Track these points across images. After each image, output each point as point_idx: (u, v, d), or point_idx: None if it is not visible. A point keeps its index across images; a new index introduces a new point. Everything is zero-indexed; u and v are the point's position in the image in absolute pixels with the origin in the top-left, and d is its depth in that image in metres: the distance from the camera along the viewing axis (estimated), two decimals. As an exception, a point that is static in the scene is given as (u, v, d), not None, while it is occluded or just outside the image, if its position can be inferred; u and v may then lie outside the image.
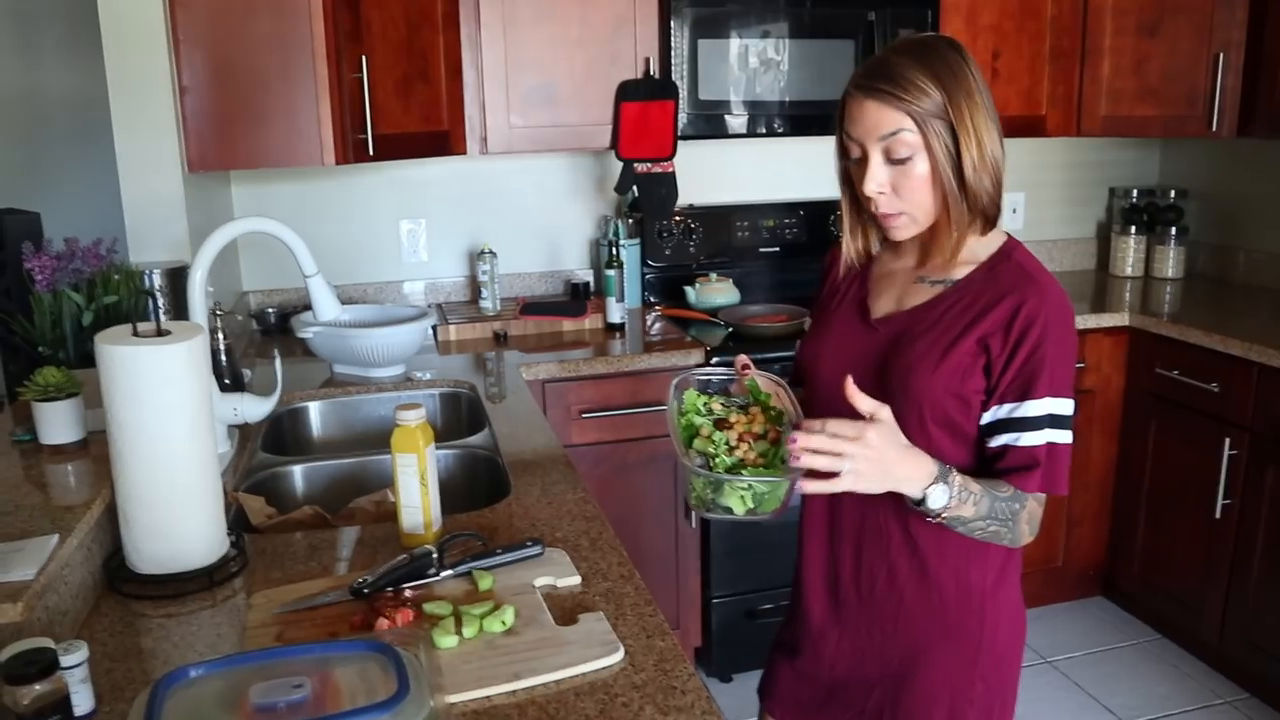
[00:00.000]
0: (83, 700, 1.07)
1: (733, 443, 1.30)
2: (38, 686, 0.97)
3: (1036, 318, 1.29)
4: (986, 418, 1.33)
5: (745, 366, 1.44)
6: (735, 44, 2.89)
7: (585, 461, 2.66)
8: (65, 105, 3.37)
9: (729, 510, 1.24)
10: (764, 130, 2.99)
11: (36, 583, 1.14)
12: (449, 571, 1.35)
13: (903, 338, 1.39)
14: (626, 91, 2.86)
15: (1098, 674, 3.05)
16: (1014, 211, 3.74)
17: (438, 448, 1.60)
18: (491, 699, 1.10)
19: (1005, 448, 1.32)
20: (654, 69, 2.87)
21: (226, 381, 2.04)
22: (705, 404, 1.37)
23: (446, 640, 1.18)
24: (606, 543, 1.50)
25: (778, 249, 3.38)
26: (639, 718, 1.07)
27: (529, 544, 1.41)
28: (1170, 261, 3.59)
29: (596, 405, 2.70)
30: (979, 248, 1.37)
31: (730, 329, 2.94)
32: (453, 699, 1.09)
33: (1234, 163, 3.55)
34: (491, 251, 3.01)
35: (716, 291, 3.19)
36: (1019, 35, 3.17)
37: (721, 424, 1.32)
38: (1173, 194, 3.65)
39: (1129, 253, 3.66)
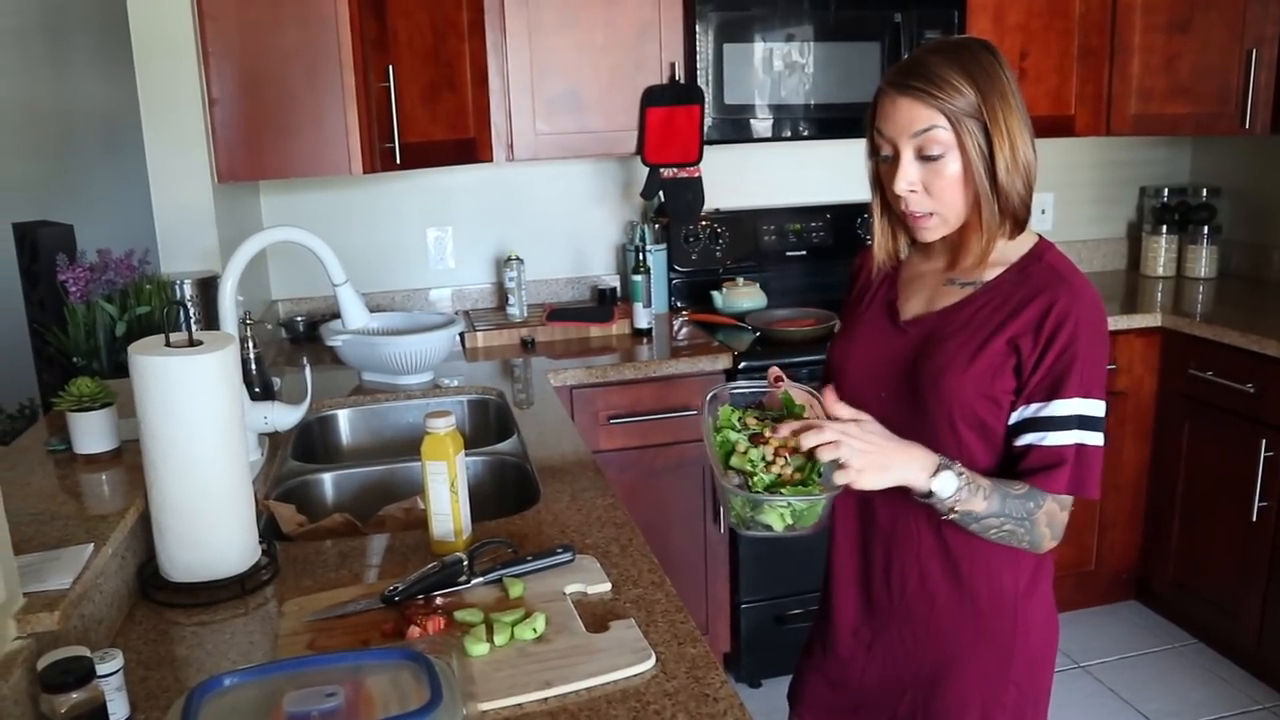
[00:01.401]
0: (118, 708, 1.08)
1: (769, 458, 1.28)
2: (74, 695, 0.98)
3: (1068, 317, 1.29)
4: (1014, 418, 1.32)
5: (778, 379, 1.41)
6: (760, 48, 2.88)
7: (613, 467, 2.66)
8: (97, 118, 3.42)
9: (769, 528, 1.23)
10: (789, 134, 2.98)
11: (72, 592, 1.15)
12: (480, 579, 1.35)
13: (932, 339, 1.38)
14: (652, 97, 2.86)
15: (1132, 679, 3.01)
16: (1043, 212, 3.70)
17: (467, 454, 1.60)
18: (523, 707, 1.10)
19: (1030, 447, 1.30)
20: (679, 74, 2.87)
21: (257, 390, 2.05)
22: (740, 419, 1.35)
23: (478, 648, 1.18)
24: (637, 549, 1.50)
25: (804, 253, 3.36)
26: (671, 726, 1.06)
27: (559, 551, 1.41)
28: (1203, 261, 3.55)
29: (624, 411, 2.69)
30: (1009, 250, 1.37)
31: (757, 333, 2.93)
32: (485, 707, 1.09)
33: (1267, 160, 3.50)
34: (518, 258, 3.02)
35: (743, 296, 3.18)
36: (1047, 34, 3.14)
37: (757, 439, 1.30)
38: (1204, 193, 3.60)
39: (1160, 253, 3.62)
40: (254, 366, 2.06)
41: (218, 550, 1.38)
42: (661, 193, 2.99)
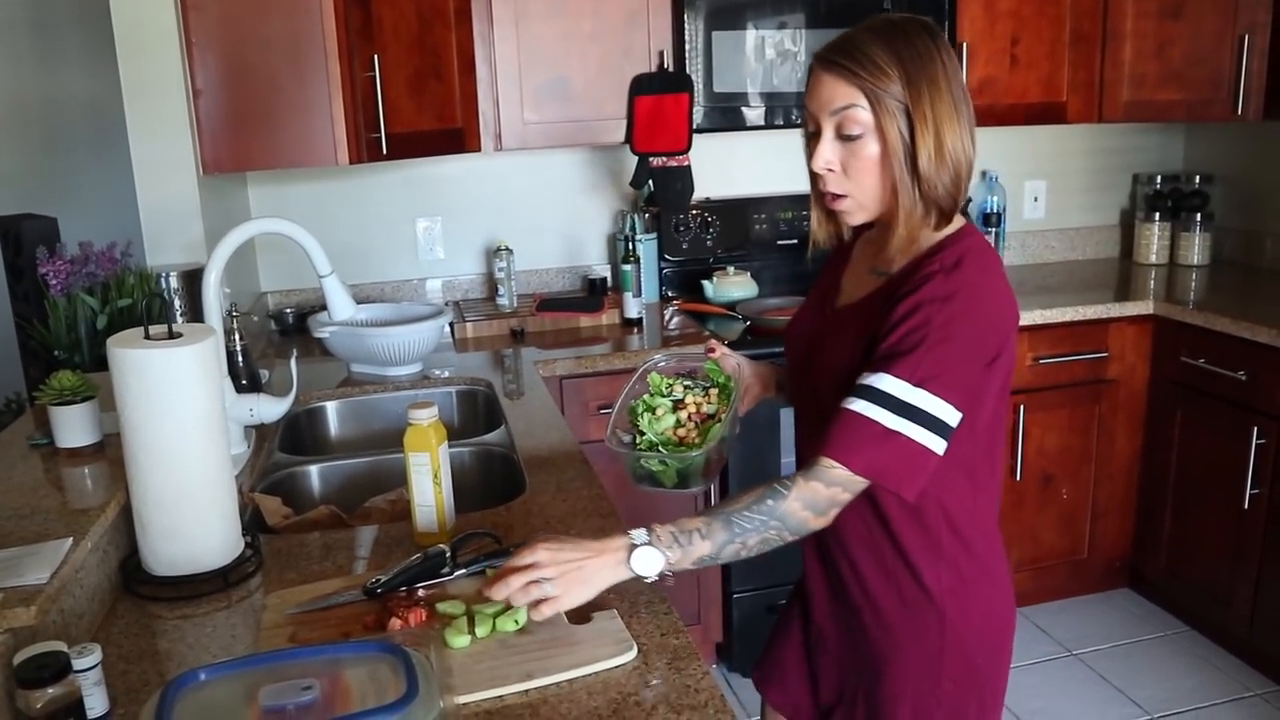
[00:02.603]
0: (96, 703, 1.07)
1: (682, 421, 1.45)
2: (50, 690, 0.97)
3: (927, 304, 1.24)
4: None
5: (711, 349, 1.53)
6: (750, 35, 2.87)
7: (603, 457, 2.61)
8: (82, 110, 3.40)
9: (659, 483, 1.42)
10: (781, 122, 2.97)
11: (49, 586, 1.14)
12: (462, 570, 1.35)
13: (835, 331, 1.38)
14: (640, 85, 2.84)
15: (1124, 666, 3.01)
16: (1035, 200, 3.70)
17: (453, 445, 1.60)
18: (504, 699, 1.10)
19: (838, 409, 1.25)
20: (668, 62, 2.85)
21: (243, 382, 2.04)
22: (668, 386, 1.49)
23: (459, 640, 1.18)
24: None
25: (795, 241, 3.35)
26: (652, 717, 1.06)
27: (543, 542, 1.40)
28: (1195, 248, 3.54)
29: (614, 401, 2.68)
30: (932, 240, 1.32)
31: (748, 322, 2.93)
32: (465, 699, 1.08)
33: (1260, 147, 3.49)
34: (508, 248, 3.01)
35: (734, 285, 3.17)
36: (1038, 20, 3.13)
37: (679, 405, 1.47)
38: (1197, 180, 3.59)
39: (1153, 240, 3.61)
40: (240, 358, 2.05)
41: (200, 543, 1.37)
42: (651, 182, 2.97)
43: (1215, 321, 2.86)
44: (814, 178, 1.35)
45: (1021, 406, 3.03)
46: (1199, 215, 3.52)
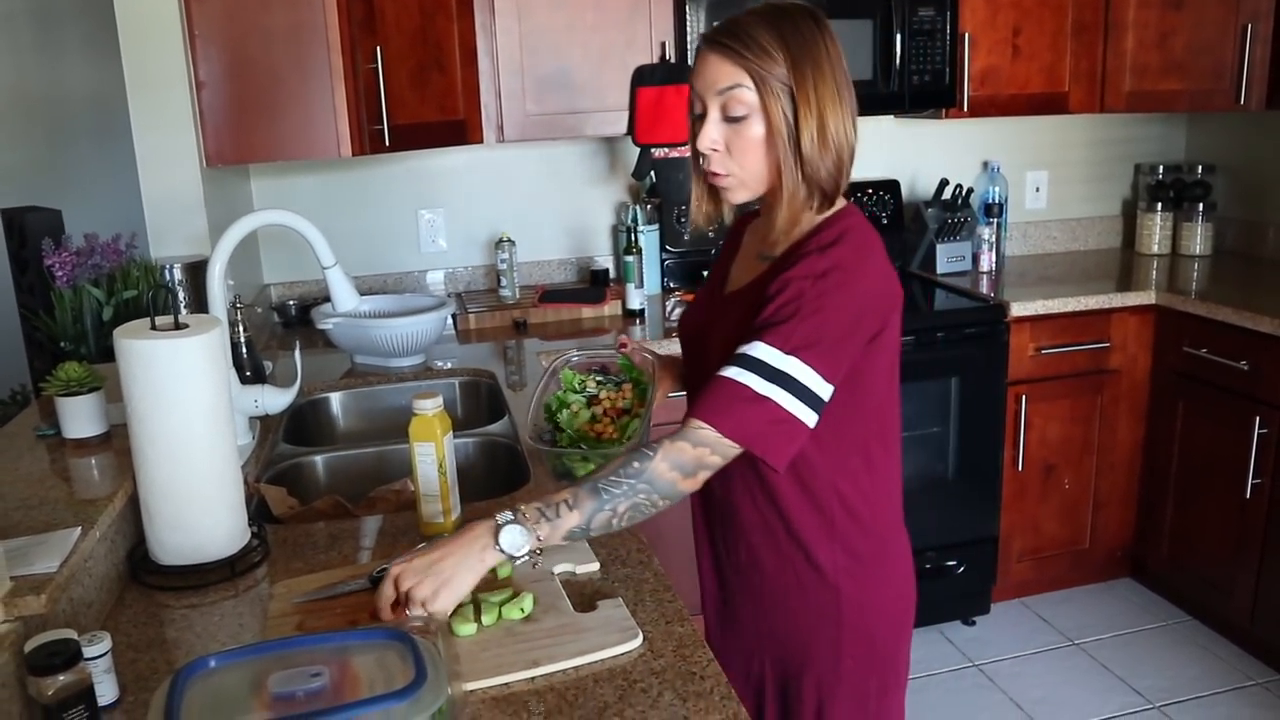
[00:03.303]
0: (106, 690, 1.08)
1: (598, 417, 1.46)
2: (61, 677, 0.98)
3: (801, 279, 1.25)
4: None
5: (622, 344, 1.53)
6: (751, 26, 2.86)
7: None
8: (86, 103, 3.40)
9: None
10: (782, 113, 2.96)
11: (59, 575, 1.15)
12: (468, 560, 1.35)
13: (724, 319, 1.39)
14: (642, 76, 2.83)
15: (1126, 656, 3.02)
16: (1037, 190, 3.70)
17: (457, 436, 1.61)
18: (510, 686, 1.10)
19: (714, 375, 1.25)
20: (670, 53, 2.85)
21: (247, 374, 2.05)
22: (581, 382, 1.50)
23: (465, 628, 1.19)
24: (625, 529, 1.50)
25: (798, 232, 3.35)
26: (658, 704, 1.07)
27: (547, 531, 1.41)
28: (1198, 238, 3.54)
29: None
30: (815, 222, 1.33)
31: (750, 314, 2.93)
32: (471, 686, 1.09)
33: (1263, 136, 3.48)
34: (510, 240, 3.01)
35: (736, 276, 3.16)
36: (1040, 10, 3.12)
37: (593, 400, 1.47)
38: (1199, 170, 3.59)
39: (1155, 230, 3.61)
40: (245, 350, 2.05)
41: (207, 533, 1.38)
42: (653, 173, 2.97)
43: (1217, 311, 2.87)
44: (696, 157, 1.37)
45: (1024, 397, 3.04)
46: (1201, 205, 3.52)
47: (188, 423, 1.33)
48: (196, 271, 2.15)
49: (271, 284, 3.08)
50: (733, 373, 1.24)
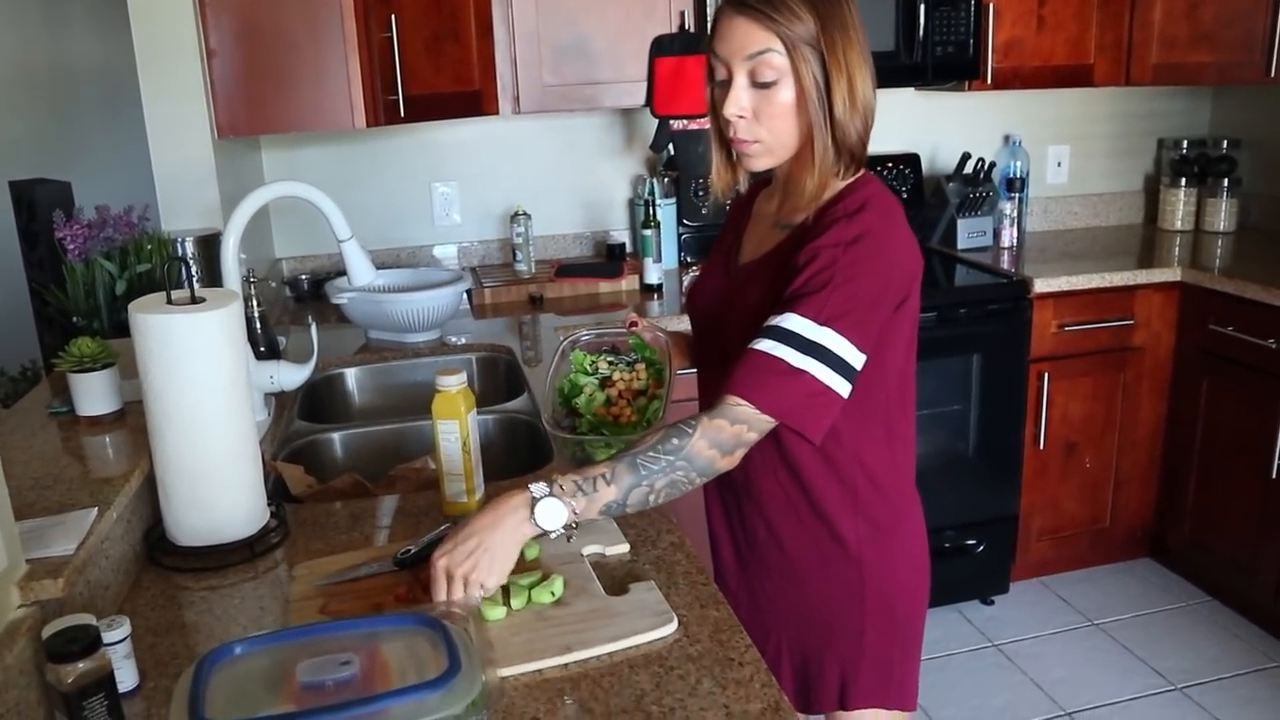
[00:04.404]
0: (126, 676, 1.05)
1: (613, 400, 1.38)
2: (81, 664, 0.95)
3: (831, 247, 1.22)
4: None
5: (633, 323, 1.46)
6: (772, -5, 2.80)
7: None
8: (94, 74, 3.35)
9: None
10: (802, 84, 2.90)
11: (76, 557, 1.11)
12: (494, 541, 1.32)
13: (743, 288, 1.36)
14: (661, 46, 2.77)
15: (1147, 636, 2.99)
16: (1059, 165, 3.63)
17: (477, 413, 1.56)
18: (543, 672, 1.07)
19: (745, 350, 1.23)
20: (689, 22, 2.79)
21: (262, 349, 2.01)
22: (592, 363, 1.42)
23: (495, 612, 1.15)
24: (654, 509, 1.46)
25: (816, 207, 3.30)
26: (696, 691, 1.03)
27: (575, 511, 1.37)
28: (1222, 214, 3.47)
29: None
30: (837, 189, 1.31)
31: (769, 289, 2.88)
32: (503, 672, 1.06)
33: (1291, 110, 3.42)
34: (526, 213, 2.96)
35: (754, 251, 3.11)
36: (1067, -20, 3.05)
37: (606, 382, 1.39)
38: (1225, 144, 3.52)
39: (1179, 206, 3.54)
40: (259, 325, 2.02)
41: (225, 513, 1.34)
42: (671, 145, 2.91)
43: (1245, 289, 2.81)
44: (718, 125, 1.33)
45: (1046, 374, 2.99)
46: (1226, 180, 3.45)
47: (206, 399, 1.30)
48: (209, 245, 2.11)
49: (283, 258, 3.04)
50: (767, 345, 1.21)
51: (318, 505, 1.53)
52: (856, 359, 1.22)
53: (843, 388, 1.21)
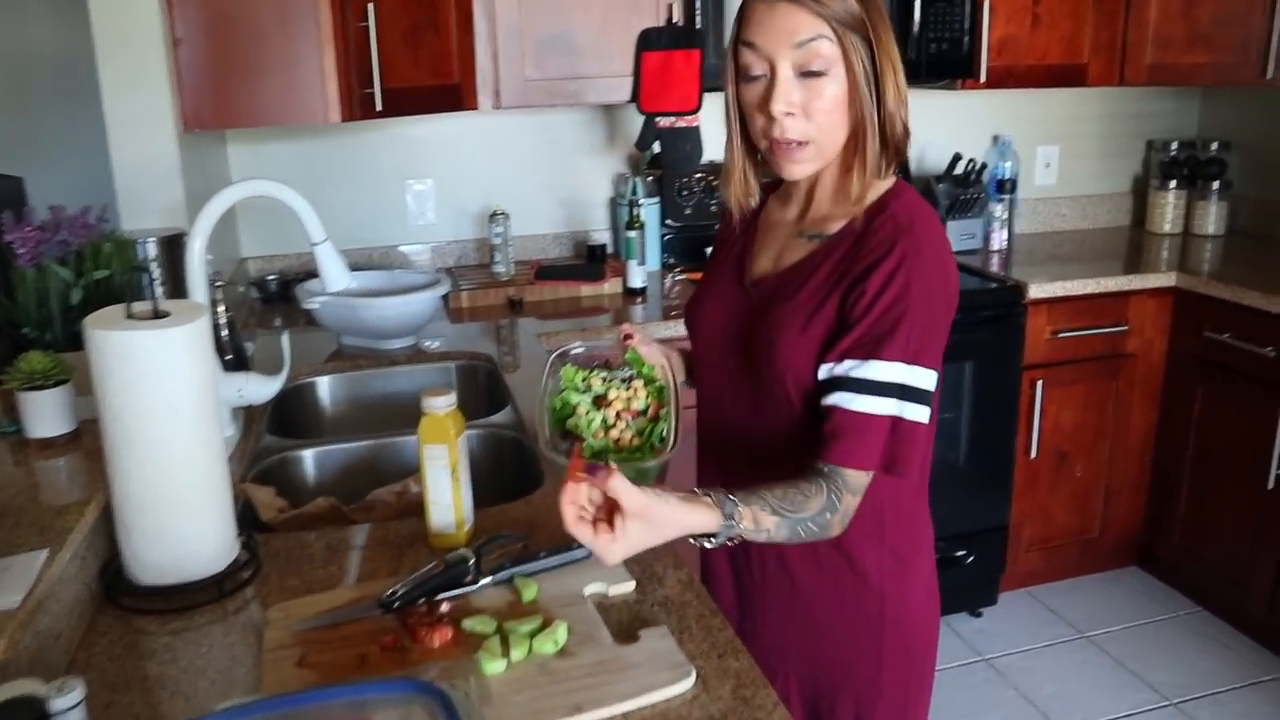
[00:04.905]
0: (80, 746, 0.93)
1: (610, 421, 1.25)
2: (26, 740, 0.83)
3: (899, 270, 1.14)
4: (822, 373, 1.18)
5: (628, 336, 1.33)
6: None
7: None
8: (50, 62, 3.17)
9: None
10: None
11: (22, 610, 0.99)
12: (488, 579, 1.21)
13: (770, 302, 1.26)
14: (648, 40, 2.67)
15: (1138, 649, 2.93)
16: (1047, 166, 3.57)
17: (464, 433, 1.45)
18: (550, 737, 0.97)
19: (834, 409, 1.15)
20: (677, 15, 2.68)
21: (228, 358, 1.88)
22: (584, 379, 1.28)
23: (493, 665, 1.04)
24: (656, 540, 1.36)
25: (804, 208, 3.20)
26: (720, 758, 0.93)
27: (575, 546, 1.26)
28: (1212, 217, 3.43)
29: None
30: (869, 197, 1.22)
31: (758, 294, 2.78)
32: (505, 738, 0.95)
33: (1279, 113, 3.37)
34: (504, 213, 2.85)
35: (741, 253, 3.02)
36: (1062, -23, 2.98)
37: (600, 401, 1.24)
38: (1214, 146, 3.47)
39: (1168, 209, 3.49)
40: (225, 333, 1.89)
41: (191, 548, 1.22)
42: (657, 143, 2.81)
43: (1243, 295, 2.75)
44: (759, 127, 1.21)
45: (1040, 382, 2.92)
46: (1216, 183, 3.41)
47: (170, 424, 1.18)
48: (172, 246, 1.98)
49: (249, 257, 2.90)
50: (866, 404, 1.15)
51: (291, 535, 1.41)
52: (934, 383, 1.18)
53: (926, 416, 1.17)
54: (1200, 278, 2.92)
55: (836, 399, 1.16)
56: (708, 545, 1.10)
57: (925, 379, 1.16)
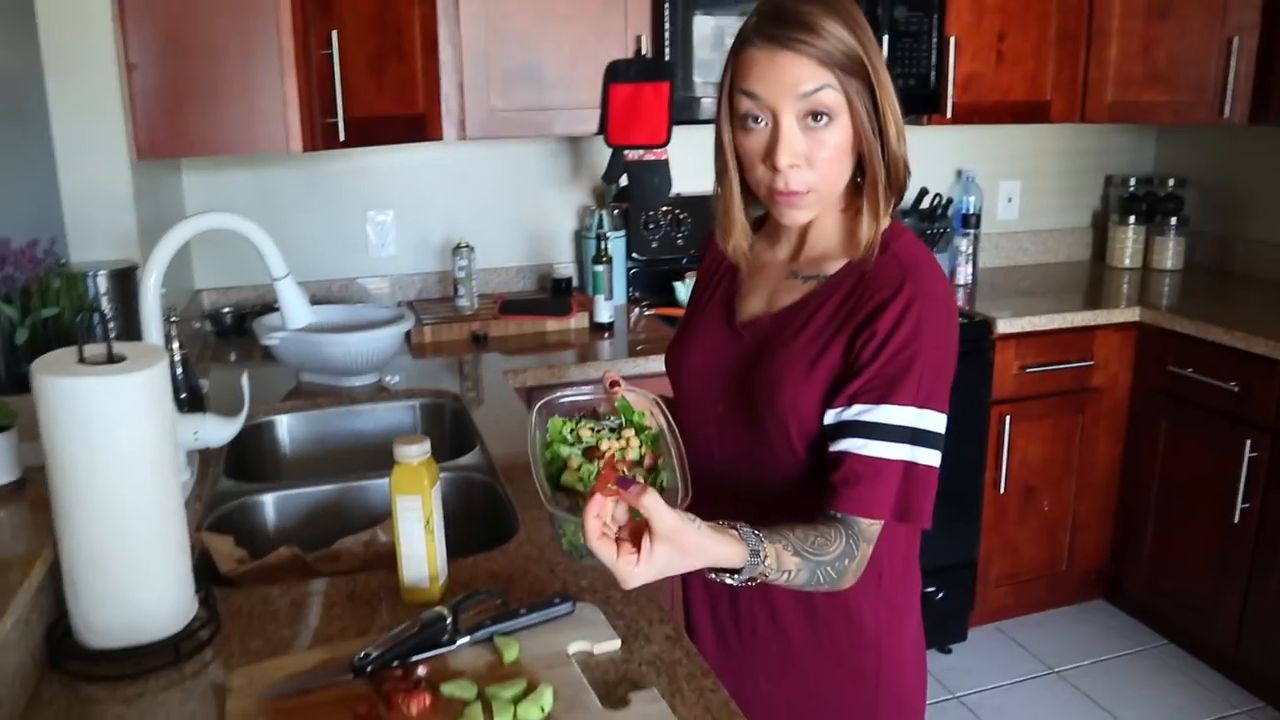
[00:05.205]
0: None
1: (602, 472, 1.15)
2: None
3: (908, 312, 1.12)
4: (830, 418, 1.15)
5: (614, 383, 1.25)
6: (733, 21, 2.68)
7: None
8: (-8, 84, 3.06)
9: None
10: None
11: (-39, 687, 0.91)
12: (466, 639, 1.14)
13: (768, 345, 1.22)
14: (616, 72, 2.64)
15: (1108, 684, 2.92)
16: (1010, 200, 3.59)
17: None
18: (539, 816, 0.90)
19: (845, 454, 1.12)
20: (646, 48, 2.65)
21: (183, 396, 1.80)
22: (572, 430, 1.19)
23: (477, 736, 0.98)
24: (641, 591, 1.29)
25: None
26: (723, 838, 0.87)
27: (557, 601, 1.21)
28: (1170, 252, 3.46)
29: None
30: (861, 234, 1.19)
31: (727, 328, 2.75)
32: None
33: (1235, 151, 3.42)
34: (469, 245, 2.78)
35: (708, 287, 2.98)
36: (1025, 16, 3.00)
37: (592, 453, 1.15)
38: (1171, 183, 3.51)
39: (1128, 244, 3.53)
40: (180, 371, 1.81)
41: (146, 608, 1.14)
42: (625, 176, 2.77)
43: (1208, 331, 2.77)
44: (758, 176, 1.18)
45: (1008, 417, 2.91)
46: (1174, 219, 3.45)
47: (126, 476, 1.10)
48: (124, 280, 1.89)
49: (203, 289, 2.80)
50: (878, 450, 1.11)
51: (253, 589, 1.33)
52: (944, 426, 1.15)
53: (939, 460, 1.14)
54: (1164, 313, 2.93)
55: (847, 445, 1.12)
56: (730, 582, 1.04)
57: (936, 422, 1.13)
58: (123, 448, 1.09)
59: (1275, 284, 3.26)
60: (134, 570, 1.12)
